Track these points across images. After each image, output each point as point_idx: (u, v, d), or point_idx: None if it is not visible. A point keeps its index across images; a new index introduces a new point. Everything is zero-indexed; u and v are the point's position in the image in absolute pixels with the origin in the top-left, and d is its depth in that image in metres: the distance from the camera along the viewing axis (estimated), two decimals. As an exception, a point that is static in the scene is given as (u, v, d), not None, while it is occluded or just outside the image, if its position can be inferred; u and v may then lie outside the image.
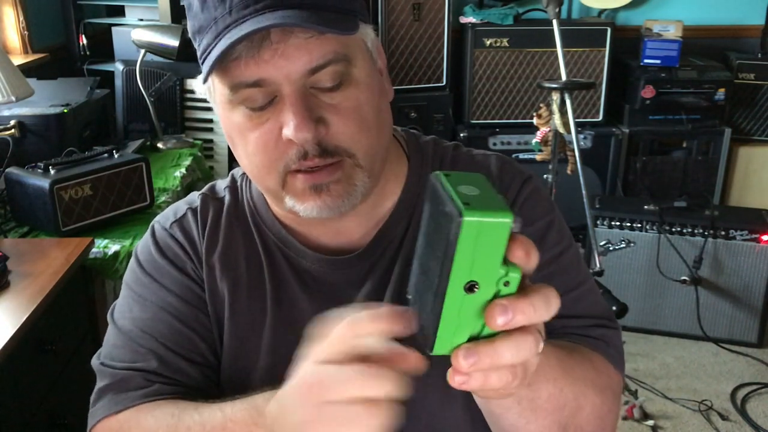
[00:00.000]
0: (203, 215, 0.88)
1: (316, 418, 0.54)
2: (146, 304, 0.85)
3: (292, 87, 0.70)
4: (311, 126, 0.69)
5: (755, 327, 2.82)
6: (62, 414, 1.54)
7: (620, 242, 2.71)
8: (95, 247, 1.74)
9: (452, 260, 0.47)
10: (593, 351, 0.79)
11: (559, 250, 0.83)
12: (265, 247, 0.86)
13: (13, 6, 2.72)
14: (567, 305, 0.78)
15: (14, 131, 2.04)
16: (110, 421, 0.80)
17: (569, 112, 2.58)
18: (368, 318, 0.53)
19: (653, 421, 2.42)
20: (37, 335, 1.45)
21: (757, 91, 3.56)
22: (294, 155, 0.72)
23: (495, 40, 3.44)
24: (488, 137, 3.53)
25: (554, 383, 0.66)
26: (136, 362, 0.82)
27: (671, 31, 3.51)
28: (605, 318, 0.84)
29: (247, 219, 0.88)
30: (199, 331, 0.84)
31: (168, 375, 0.81)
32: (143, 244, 0.89)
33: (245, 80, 0.70)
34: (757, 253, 2.74)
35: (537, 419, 0.67)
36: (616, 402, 0.78)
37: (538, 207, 0.85)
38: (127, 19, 2.98)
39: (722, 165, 3.51)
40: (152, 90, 2.59)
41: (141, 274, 0.87)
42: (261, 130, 0.72)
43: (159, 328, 0.83)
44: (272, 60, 0.68)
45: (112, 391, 0.82)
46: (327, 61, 0.70)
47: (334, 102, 0.71)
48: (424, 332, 0.51)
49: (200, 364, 0.84)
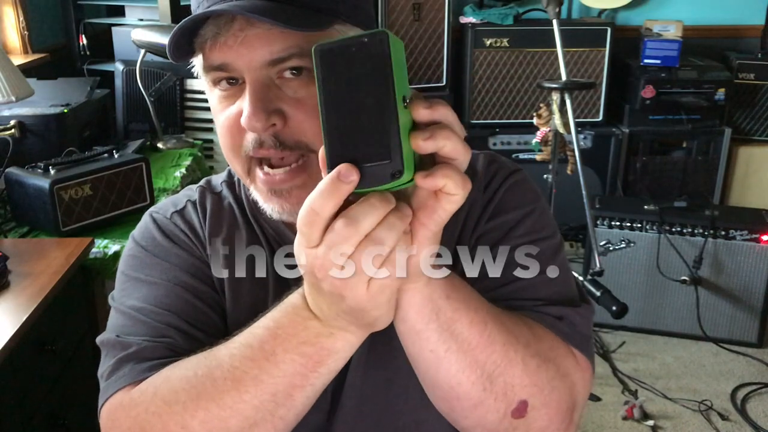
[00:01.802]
0: (202, 205, 0.89)
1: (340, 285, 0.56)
2: (156, 282, 0.83)
3: (251, 75, 0.71)
4: (262, 116, 0.70)
5: (755, 327, 2.82)
6: (62, 414, 1.54)
7: (620, 242, 2.71)
8: (95, 247, 1.74)
9: (392, 76, 0.52)
10: (538, 322, 0.74)
11: (532, 239, 0.81)
12: (266, 238, 0.86)
13: (13, 6, 2.72)
14: (527, 288, 0.77)
15: (14, 131, 2.04)
16: (130, 393, 0.75)
17: (569, 112, 2.59)
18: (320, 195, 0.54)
19: (653, 421, 2.42)
20: (37, 335, 1.45)
21: (757, 91, 3.57)
22: (250, 142, 0.73)
23: (495, 40, 3.44)
24: (488, 137, 3.53)
25: (476, 314, 0.65)
26: (157, 337, 0.78)
27: (671, 31, 3.52)
28: (569, 301, 0.79)
29: (246, 212, 0.88)
30: (213, 306, 0.83)
31: (192, 349, 0.77)
32: (142, 231, 0.88)
33: (211, 63, 0.73)
34: (757, 253, 2.74)
35: (459, 350, 0.65)
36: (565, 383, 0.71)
37: (517, 197, 0.84)
38: (127, 19, 2.98)
39: (722, 165, 3.52)
40: (152, 90, 2.58)
41: (146, 257, 0.85)
42: (227, 112, 0.74)
43: (176, 303, 0.81)
44: (235, 46, 0.70)
45: (132, 360, 0.77)
46: (289, 55, 0.70)
47: (297, 96, 0.72)
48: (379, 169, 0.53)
49: (218, 338, 0.79)
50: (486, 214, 0.83)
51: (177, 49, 0.73)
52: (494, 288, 0.77)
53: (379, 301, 0.59)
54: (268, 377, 0.66)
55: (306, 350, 0.65)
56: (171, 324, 0.79)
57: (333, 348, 0.65)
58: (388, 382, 0.82)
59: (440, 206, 0.56)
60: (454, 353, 0.65)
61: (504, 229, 0.81)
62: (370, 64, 0.52)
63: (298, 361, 0.65)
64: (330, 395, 0.82)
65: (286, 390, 0.66)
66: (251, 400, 0.67)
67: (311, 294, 0.63)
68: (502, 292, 0.77)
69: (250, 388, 0.67)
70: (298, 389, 0.66)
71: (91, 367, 0.86)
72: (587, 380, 0.75)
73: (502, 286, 0.77)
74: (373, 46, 0.52)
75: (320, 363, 0.65)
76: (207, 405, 0.68)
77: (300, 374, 0.66)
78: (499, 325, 0.67)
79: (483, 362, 0.66)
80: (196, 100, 2.72)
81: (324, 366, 0.66)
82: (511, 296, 0.77)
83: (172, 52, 0.73)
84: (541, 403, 0.68)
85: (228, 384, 0.68)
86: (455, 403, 0.68)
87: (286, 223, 0.85)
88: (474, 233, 0.83)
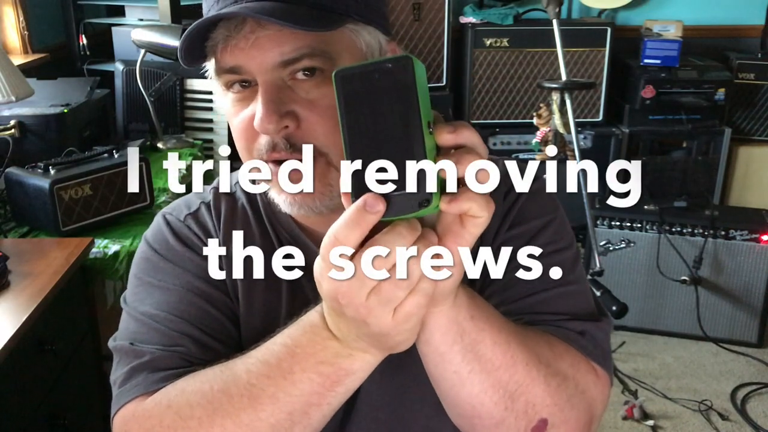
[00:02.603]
0: (216, 208, 0.87)
1: (365, 313, 0.56)
2: (170, 288, 0.82)
3: (263, 77, 0.71)
4: (274, 118, 0.69)
5: (755, 327, 2.82)
6: (62, 414, 1.54)
7: (620, 242, 2.71)
8: (95, 247, 1.73)
9: (418, 103, 0.51)
10: (559, 339, 0.75)
11: (552, 249, 0.82)
12: (279, 242, 0.85)
13: (13, 6, 2.72)
14: (546, 302, 0.78)
15: (14, 131, 2.04)
16: (143, 403, 0.75)
17: (569, 112, 2.59)
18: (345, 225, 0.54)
19: (653, 421, 2.42)
20: (37, 335, 1.45)
21: (757, 91, 3.57)
22: (263, 145, 0.72)
23: (495, 40, 3.44)
24: (488, 137, 3.53)
25: (499, 334, 0.65)
26: (172, 346, 0.78)
27: (671, 31, 3.51)
28: (589, 313, 0.81)
29: (261, 214, 0.87)
30: (227, 312, 0.83)
31: (206, 358, 0.78)
32: (155, 233, 0.87)
33: (223, 66, 0.72)
34: (757, 253, 2.74)
35: (482, 370, 0.65)
36: (584, 399, 0.71)
37: (537, 206, 0.85)
38: (127, 19, 2.98)
39: (722, 165, 3.51)
40: (152, 90, 2.58)
41: (159, 261, 0.84)
42: (241, 116, 0.74)
43: (189, 310, 0.80)
44: (246, 49, 0.70)
45: (146, 369, 0.77)
46: (300, 55, 0.70)
47: (310, 97, 0.71)
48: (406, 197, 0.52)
49: (231, 346, 0.81)
50: (507, 222, 0.83)
51: (189, 53, 0.73)
52: (518, 299, 0.77)
53: (403, 328, 0.58)
54: (284, 395, 0.66)
55: (324, 370, 0.65)
56: (185, 332, 0.79)
57: (351, 368, 0.65)
58: (403, 389, 0.82)
59: (466, 231, 0.55)
60: (477, 374, 0.65)
61: (525, 237, 0.82)
62: (395, 91, 0.51)
63: (316, 380, 0.65)
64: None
65: (302, 408, 0.66)
66: (267, 419, 0.66)
67: (332, 316, 0.63)
68: (524, 303, 0.77)
69: (266, 406, 0.66)
70: (315, 408, 0.66)
71: (91, 367, 0.86)
72: (606, 394, 0.76)
73: (525, 297, 0.78)
74: (398, 72, 0.51)
75: (337, 383, 0.65)
76: (223, 422, 0.68)
77: (317, 393, 0.65)
78: (521, 344, 0.67)
79: (506, 382, 0.66)
80: (196, 100, 2.71)
81: (341, 386, 0.65)
82: (533, 309, 0.77)
83: (184, 57, 0.73)
84: (561, 420, 0.69)
85: (245, 401, 0.67)
86: (476, 421, 0.68)
87: (300, 225, 0.85)
88: (495, 241, 0.82)
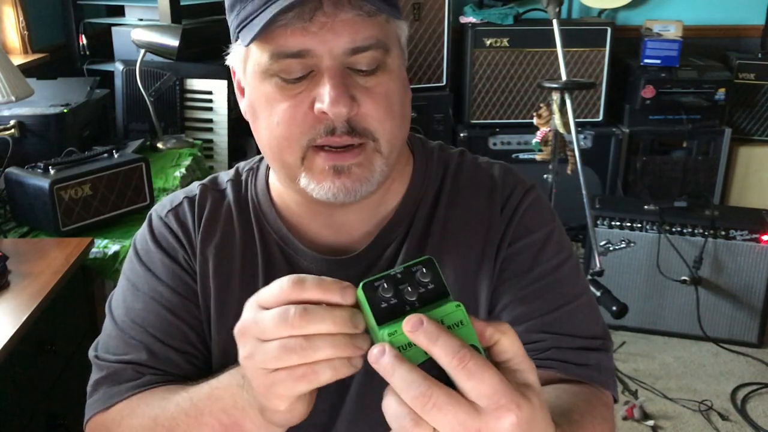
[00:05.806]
0: (201, 205, 0.88)
1: (252, 353, 0.57)
2: (138, 294, 0.86)
3: (333, 62, 0.71)
4: (347, 101, 0.70)
5: (755, 327, 2.82)
6: (62, 414, 1.54)
7: (620, 242, 2.71)
8: (95, 247, 1.74)
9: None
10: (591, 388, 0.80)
11: (557, 262, 0.84)
12: (264, 243, 0.86)
13: (13, 6, 2.72)
14: (562, 320, 0.81)
15: (14, 131, 2.04)
16: (103, 416, 0.82)
17: (569, 112, 2.59)
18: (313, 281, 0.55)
19: (653, 421, 2.42)
20: (37, 335, 1.45)
21: (757, 91, 3.57)
22: (322, 130, 0.72)
23: (495, 40, 3.44)
24: (488, 137, 3.53)
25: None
26: (127, 354, 0.84)
27: (671, 31, 3.52)
28: (599, 338, 0.84)
29: (249, 214, 0.88)
30: (189, 321, 0.85)
31: (158, 366, 0.83)
32: (141, 233, 0.90)
33: (288, 49, 0.71)
34: (757, 253, 2.74)
35: None
36: (608, 427, 0.79)
37: (538, 217, 0.86)
38: (127, 19, 2.98)
39: (722, 165, 3.52)
40: (152, 90, 2.58)
41: (136, 263, 0.88)
42: (292, 102, 0.73)
43: (150, 318, 0.84)
44: (320, 32, 0.70)
45: (105, 384, 0.83)
46: (368, 45, 0.71)
47: (367, 85, 0.73)
48: None
49: (190, 354, 0.85)
50: (508, 235, 0.84)
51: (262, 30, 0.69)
52: (533, 317, 0.81)
53: (276, 393, 0.58)
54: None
55: (223, 419, 0.67)
56: (141, 340, 0.84)
57: (244, 426, 0.66)
58: None
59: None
60: None
61: (532, 251, 0.84)
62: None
63: (216, 427, 0.68)
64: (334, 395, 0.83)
65: None
66: None
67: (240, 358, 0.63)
68: (540, 323, 0.81)
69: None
70: None
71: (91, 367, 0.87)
72: (613, 408, 0.83)
73: (540, 316, 0.81)
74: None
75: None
76: None
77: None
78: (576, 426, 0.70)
79: None
80: (196, 100, 2.71)
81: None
82: (552, 329, 0.81)
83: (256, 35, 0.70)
84: None
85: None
86: None
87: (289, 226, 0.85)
88: (498, 255, 0.84)
